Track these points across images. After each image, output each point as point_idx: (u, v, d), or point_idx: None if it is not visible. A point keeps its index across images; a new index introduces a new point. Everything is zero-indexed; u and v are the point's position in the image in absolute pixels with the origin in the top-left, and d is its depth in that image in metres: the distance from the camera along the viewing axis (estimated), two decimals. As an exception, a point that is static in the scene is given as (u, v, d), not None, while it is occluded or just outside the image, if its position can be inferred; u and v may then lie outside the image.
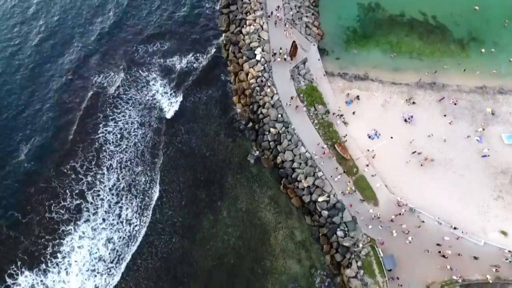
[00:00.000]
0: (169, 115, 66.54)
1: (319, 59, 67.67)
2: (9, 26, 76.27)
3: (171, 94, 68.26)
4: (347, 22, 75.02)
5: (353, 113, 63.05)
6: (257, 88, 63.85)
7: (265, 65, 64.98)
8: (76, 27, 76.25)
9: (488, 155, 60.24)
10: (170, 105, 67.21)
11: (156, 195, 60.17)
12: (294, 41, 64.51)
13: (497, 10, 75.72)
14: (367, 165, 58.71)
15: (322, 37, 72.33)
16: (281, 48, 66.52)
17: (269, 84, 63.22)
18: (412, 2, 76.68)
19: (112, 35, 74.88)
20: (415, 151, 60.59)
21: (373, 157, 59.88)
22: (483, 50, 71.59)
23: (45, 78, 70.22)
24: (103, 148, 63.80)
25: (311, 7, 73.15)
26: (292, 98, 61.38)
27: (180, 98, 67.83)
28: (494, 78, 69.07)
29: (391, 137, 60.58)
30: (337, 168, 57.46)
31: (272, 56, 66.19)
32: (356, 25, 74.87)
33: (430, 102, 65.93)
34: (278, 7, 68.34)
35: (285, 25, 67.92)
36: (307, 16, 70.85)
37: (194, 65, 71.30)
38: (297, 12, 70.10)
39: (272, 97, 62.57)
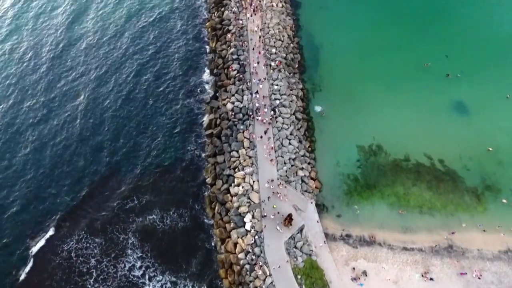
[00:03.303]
0: (144, 297, 56.77)
1: (318, 221, 59.54)
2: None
3: (149, 270, 58.81)
4: (346, 168, 68.04)
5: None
6: (247, 266, 54.71)
7: (256, 236, 56.49)
8: (44, 178, 68.88)
9: None
10: (147, 285, 57.60)
11: None
12: (290, 214, 56.70)
13: None
14: None
15: (320, 189, 64.87)
16: (274, 206, 58.97)
17: (260, 263, 54.20)
18: (416, 143, 70.38)
19: (83, 187, 67.11)
20: None
21: None
22: (504, 200, 63.83)
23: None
24: None
25: (307, 155, 66.59)
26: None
27: (159, 275, 58.30)
28: (518, 237, 60.54)
29: None
30: None
31: (263, 217, 58.15)
32: (357, 172, 67.79)
33: (450, 275, 56.50)
34: (272, 181, 61.10)
35: (279, 185, 60.63)
36: (302, 169, 63.86)
37: (177, 225, 62.89)
38: (292, 166, 63.25)
39: (264, 280, 53.22)
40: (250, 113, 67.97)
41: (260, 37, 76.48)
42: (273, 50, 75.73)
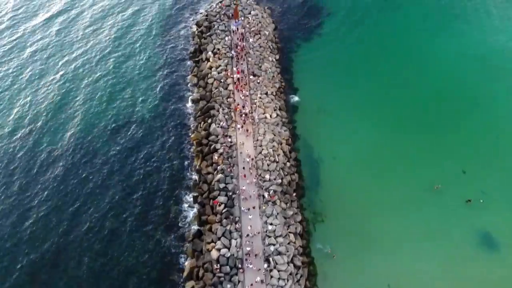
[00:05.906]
0: None
1: None
2: None
3: None
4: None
5: None
6: None
7: None
8: None
9: None
10: None
11: None
12: None
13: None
14: None
15: None
16: None
17: None
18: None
19: None
20: None
21: None
22: None
23: None
24: None
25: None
26: None
27: None
28: None
29: None
30: None
31: None
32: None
33: None
34: None
35: None
36: None
37: None
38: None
39: None
40: (239, 266, 56.17)
41: (250, 168, 66.40)
42: (267, 176, 65.24)
